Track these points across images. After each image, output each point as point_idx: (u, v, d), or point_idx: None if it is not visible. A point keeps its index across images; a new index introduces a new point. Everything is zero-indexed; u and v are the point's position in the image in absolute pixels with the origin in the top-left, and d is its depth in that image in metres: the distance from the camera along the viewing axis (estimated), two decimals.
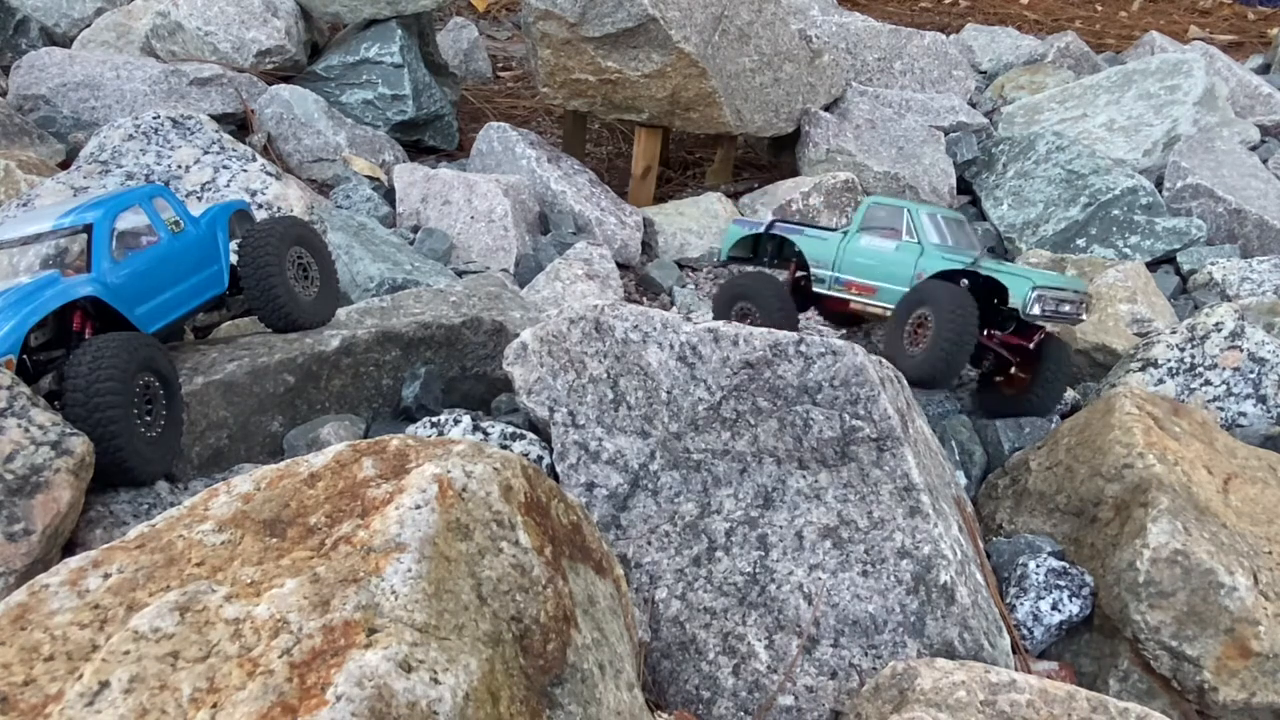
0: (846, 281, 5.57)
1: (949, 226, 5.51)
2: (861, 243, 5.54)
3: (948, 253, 5.26)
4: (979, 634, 3.29)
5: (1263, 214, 7.76)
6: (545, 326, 3.79)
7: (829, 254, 5.68)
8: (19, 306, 3.43)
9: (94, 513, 3.41)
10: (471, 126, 9.18)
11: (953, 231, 5.50)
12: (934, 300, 4.89)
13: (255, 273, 4.30)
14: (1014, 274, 5.01)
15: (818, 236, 5.79)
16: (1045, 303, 4.91)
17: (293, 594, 2.12)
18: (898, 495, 3.45)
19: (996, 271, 5.04)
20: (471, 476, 2.47)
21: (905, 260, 5.32)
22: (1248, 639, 3.49)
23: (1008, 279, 4.96)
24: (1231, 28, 14.13)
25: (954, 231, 5.50)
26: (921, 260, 5.26)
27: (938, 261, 5.19)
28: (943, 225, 5.48)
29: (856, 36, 10.45)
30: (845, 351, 3.54)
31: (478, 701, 2.05)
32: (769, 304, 5.66)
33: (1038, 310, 4.88)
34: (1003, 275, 5.00)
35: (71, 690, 2.00)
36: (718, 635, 3.33)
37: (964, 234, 5.57)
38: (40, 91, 7.84)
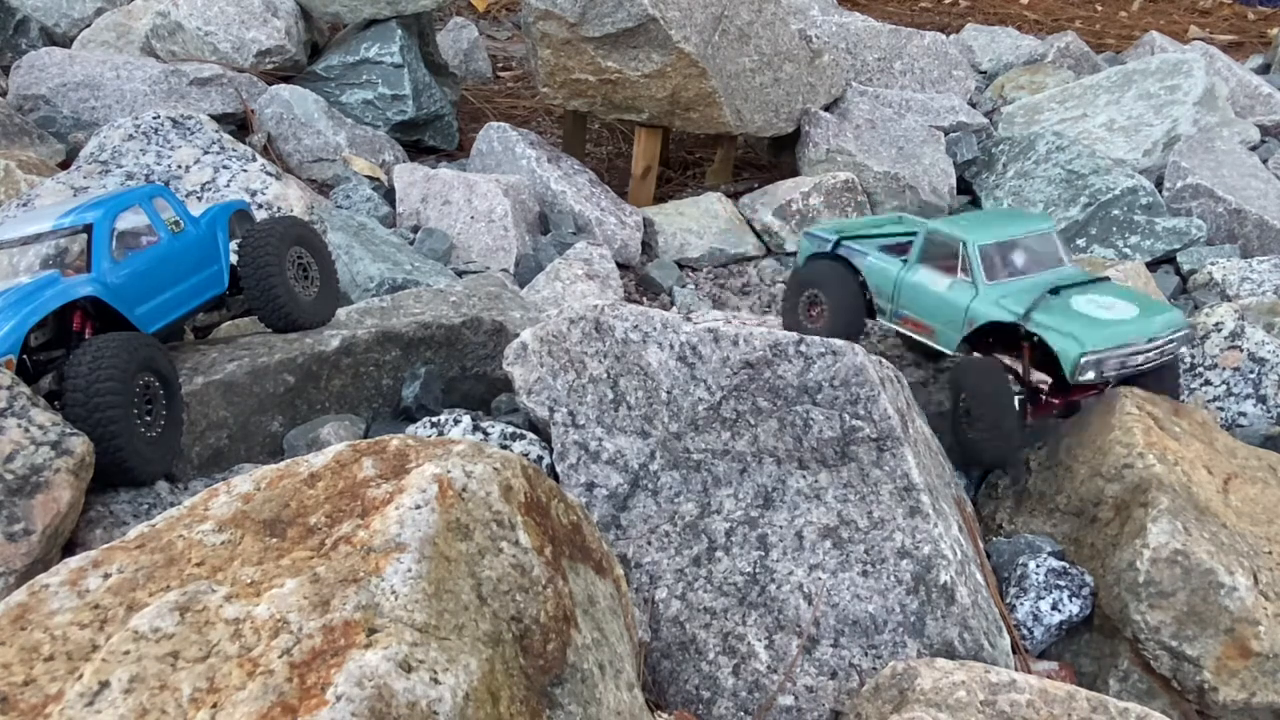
0: (904, 316, 5.07)
1: (1017, 251, 4.86)
2: (919, 276, 4.98)
3: (1005, 293, 4.63)
4: (979, 634, 3.29)
5: (1263, 214, 7.76)
6: (545, 326, 3.79)
7: (888, 283, 5.15)
8: (19, 306, 3.43)
9: (94, 513, 3.41)
10: (471, 126, 9.18)
11: (1024, 254, 4.87)
12: (968, 387, 4.43)
13: (255, 273, 4.30)
14: (1065, 332, 4.35)
15: (882, 261, 5.26)
16: (1104, 368, 4.29)
17: (293, 594, 2.12)
18: (898, 495, 3.45)
19: (1045, 329, 4.42)
20: (471, 476, 2.47)
21: (958, 303, 4.73)
22: (1248, 639, 3.49)
23: (1056, 340, 4.34)
24: (1231, 28, 14.13)
25: (1025, 254, 4.87)
26: (974, 305, 4.66)
27: (988, 308, 4.60)
28: (1009, 253, 4.81)
29: (856, 36, 10.45)
30: (845, 351, 3.54)
31: (478, 701, 2.05)
32: (837, 296, 5.22)
33: (1091, 376, 4.29)
34: (1052, 335, 4.38)
35: (71, 690, 2.00)
36: (718, 635, 3.33)
37: (1040, 251, 4.90)
38: (40, 91, 7.84)
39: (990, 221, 5.17)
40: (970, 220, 5.23)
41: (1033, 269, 4.79)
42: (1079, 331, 4.33)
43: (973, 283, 4.71)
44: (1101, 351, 4.27)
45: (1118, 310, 4.52)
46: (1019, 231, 4.90)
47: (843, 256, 5.38)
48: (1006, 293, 4.64)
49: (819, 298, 5.30)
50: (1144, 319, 4.46)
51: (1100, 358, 4.27)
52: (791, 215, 8.00)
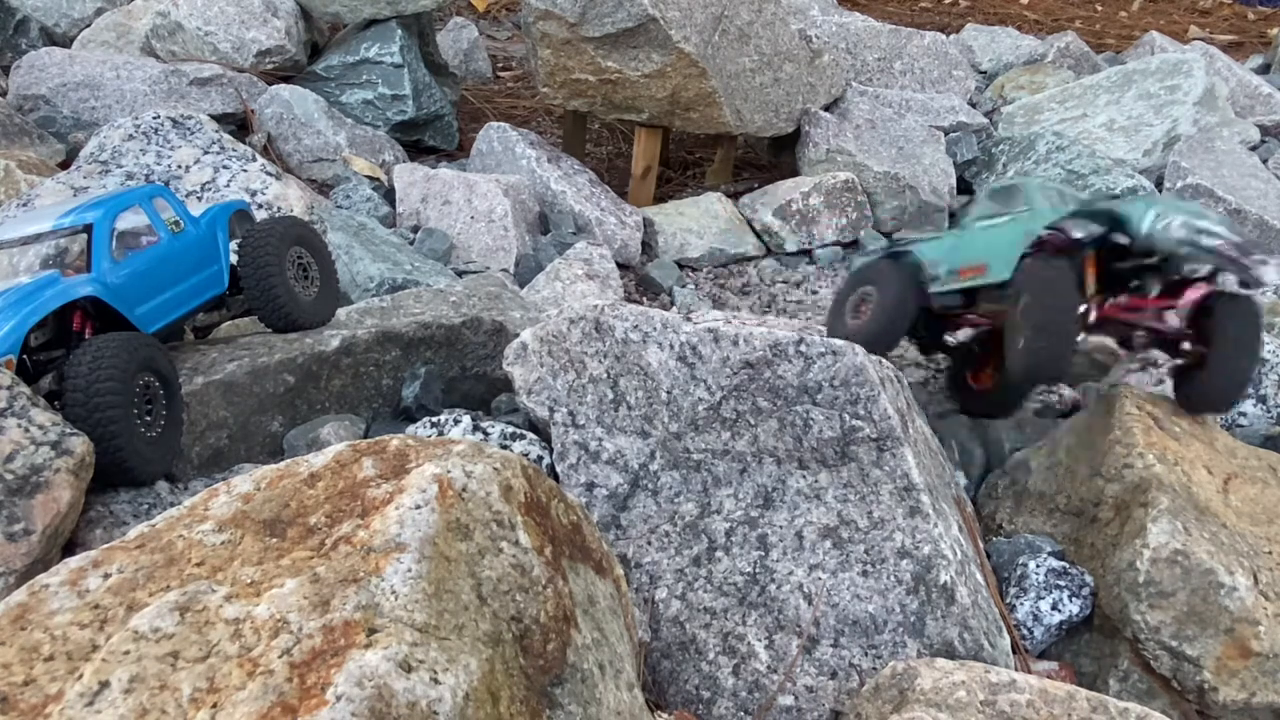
0: (958, 269, 4.81)
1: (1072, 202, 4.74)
2: (974, 226, 4.90)
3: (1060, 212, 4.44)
4: (979, 634, 3.29)
5: (1263, 214, 7.76)
6: (545, 326, 3.79)
7: (941, 249, 4.97)
8: (19, 306, 3.43)
9: (94, 513, 3.41)
10: (471, 126, 9.18)
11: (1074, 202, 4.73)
12: (1029, 286, 4.07)
13: (255, 273, 4.30)
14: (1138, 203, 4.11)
15: (934, 237, 5.19)
16: (1173, 229, 3.93)
17: (293, 594, 2.12)
18: (898, 495, 3.45)
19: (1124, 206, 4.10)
20: (471, 476, 2.47)
21: (1015, 225, 4.53)
22: (1248, 639, 3.49)
23: (1128, 207, 4.05)
24: (1231, 28, 14.13)
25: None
26: (1032, 221, 4.42)
27: (1045, 216, 4.38)
28: (1066, 198, 4.73)
29: (856, 36, 10.45)
30: (845, 351, 3.54)
31: (478, 701, 2.05)
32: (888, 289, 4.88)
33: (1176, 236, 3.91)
34: (1124, 205, 4.09)
35: (71, 690, 2.00)
36: (718, 635, 3.33)
37: None
38: (40, 91, 7.83)
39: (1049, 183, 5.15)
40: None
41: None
42: (1151, 201, 4.11)
43: (1031, 209, 4.59)
44: (1173, 212, 3.95)
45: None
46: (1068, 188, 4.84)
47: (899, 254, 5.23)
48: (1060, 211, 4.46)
49: (871, 295, 5.03)
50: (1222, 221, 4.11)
51: (1171, 220, 3.92)
52: (791, 215, 8.00)
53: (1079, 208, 4.38)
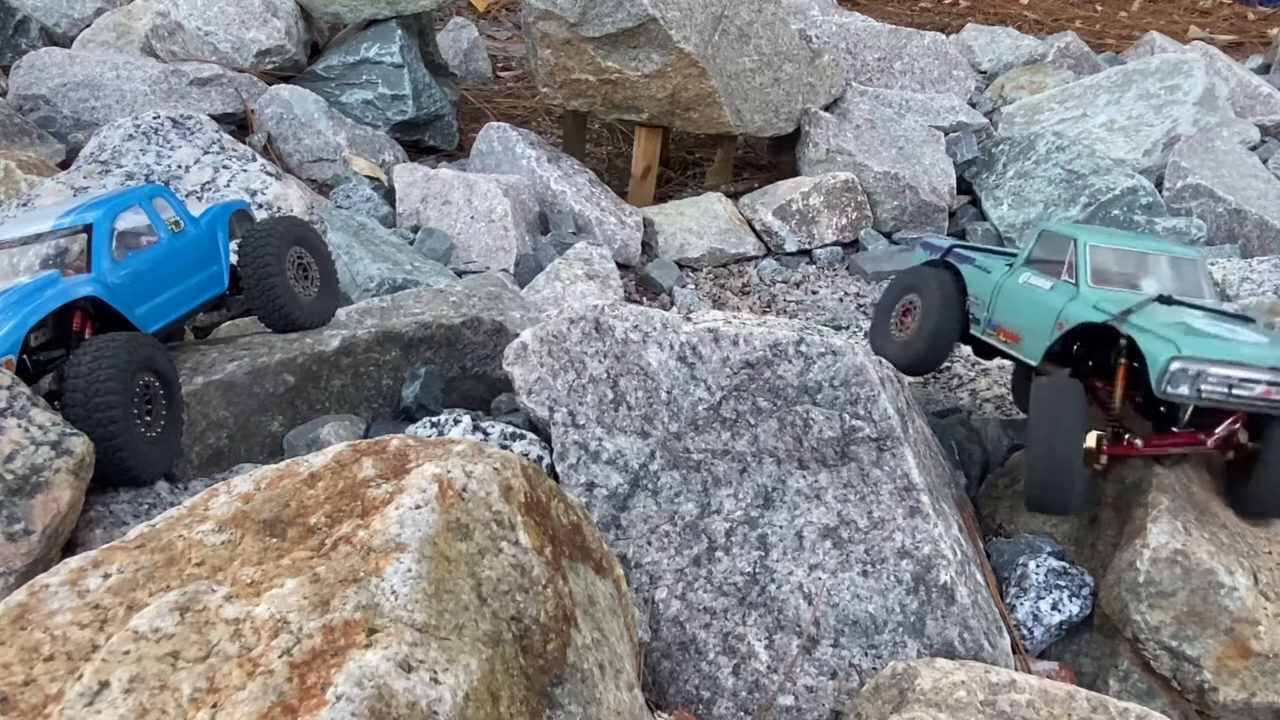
0: (997, 325, 4.44)
1: (1139, 264, 4.20)
2: (1021, 277, 4.42)
3: (1108, 298, 3.96)
4: (979, 634, 3.29)
5: (1263, 214, 7.76)
6: (545, 326, 3.79)
7: (988, 288, 4.54)
8: (19, 306, 3.43)
9: (94, 513, 3.41)
10: (471, 126, 9.18)
11: (1147, 271, 4.18)
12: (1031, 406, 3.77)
13: (255, 273, 4.30)
14: (1161, 335, 3.60)
15: (987, 265, 4.70)
16: (1205, 383, 3.47)
17: (293, 594, 2.12)
18: (898, 495, 3.45)
19: (1139, 331, 3.67)
20: (471, 476, 2.47)
21: (1053, 303, 4.11)
22: (1248, 639, 3.49)
23: (1147, 342, 3.60)
24: (1231, 28, 14.13)
25: (1149, 271, 4.18)
26: (1069, 305, 4.01)
27: (1082, 309, 3.96)
28: (1127, 263, 4.19)
29: (856, 36, 10.45)
30: (845, 351, 3.54)
31: (478, 701, 2.05)
32: (932, 301, 4.61)
33: (1184, 390, 3.48)
34: (1145, 338, 3.63)
35: (71, 690, 1.99)
36: (718, 635, 3.33)
37: (1172, 275, 4.19)
38: (40, 91, 7.83)
39: (1119, 233, 4.61)
40: (1098, 227, 4.90)
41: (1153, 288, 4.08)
42: (1178, 336, 3.56)
43: (1075, 283, 4.09)
44: (1202, 360, 3.46)
45: (1244, 334, 3.71)
46: (1147, 247, 4.26)
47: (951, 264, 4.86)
48: (1110, 298, 3.97)
49: (915, 306, 4.70)
50: (1276, 345, 3.60)
51: (1200, 369, 3.46)
52: (791, 215, 8.00)
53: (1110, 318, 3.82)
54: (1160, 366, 3.50)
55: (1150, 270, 4.19)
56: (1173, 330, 3.63)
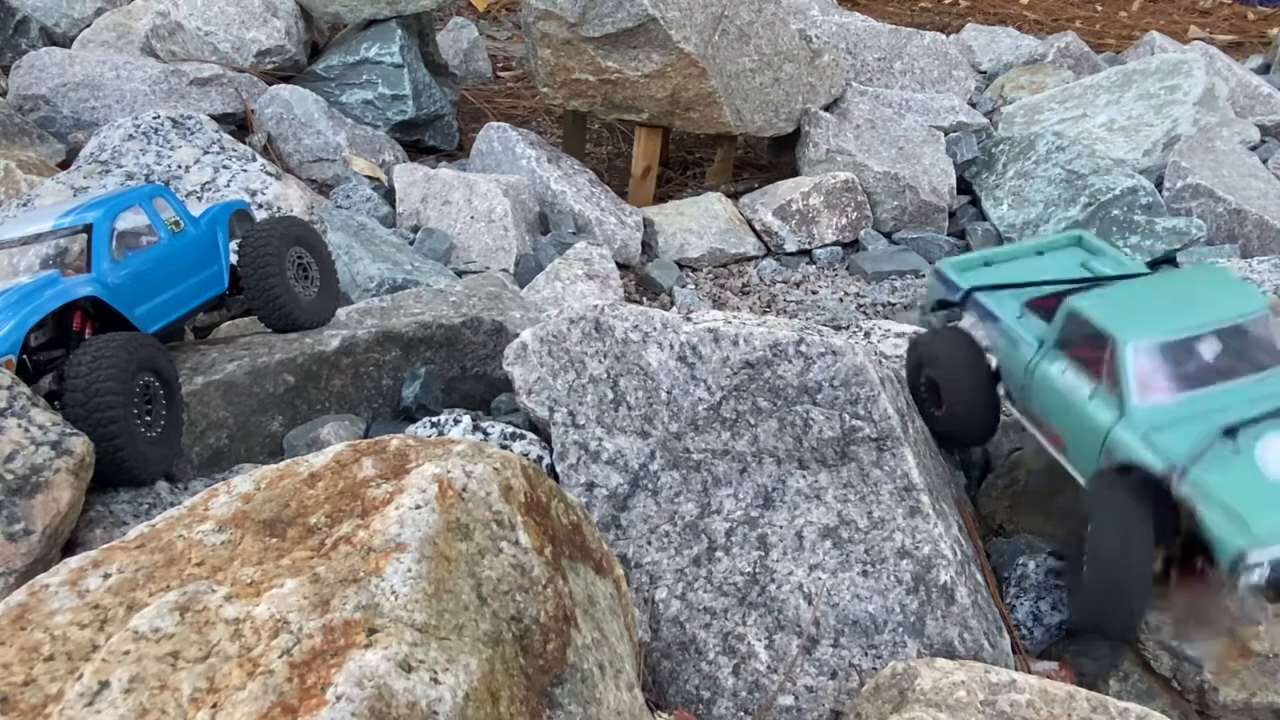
0: (1034, 419, 3.77)
1: (1199, 350, 3.33)
2: (1055, 368, 3.63)
3: (1164, 421, 3.21)
4: (979, 634, 3.29)
5: (1263, 214, 7.76)
6: (545, 326, 3.79)
7: (1019, 368, 3.79)
8: (19, 306, 3.43)
9: (94, 513, 3.41)
10: (471, 126, 9.18)
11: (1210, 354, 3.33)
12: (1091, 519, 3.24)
13: (255, 273, 4.30)
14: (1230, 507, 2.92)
15: (1016, 332, 3.87)
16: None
17: (293, 594, 2.12)
18: (898, 495, 3.45)
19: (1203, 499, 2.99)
20: (471, 476, 2.47)
21: (1097, 421, 3.38)
22: (1248, 639, 3.49)
23: (1214, 519, 2.93)
24: (1231, 28, 14.13)
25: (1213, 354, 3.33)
26: (1116, 431, 3.28)
27: (1132, 442, 3.23)
28: (1183, 355, 3.32)
29: (856, 36, 10.45)
30: (845, 351, 3.54)
31: (478, 701, 2.05)
32: (957, 387, 3.85)
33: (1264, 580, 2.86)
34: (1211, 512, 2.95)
35: (71, 690, 2.00)
36: (718, 635, 3.33)
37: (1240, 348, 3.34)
38: (40, 91, 7.84)
39: (1163, 301, 3.55)
40: (1135, 296, 3.64)
41: (1220, 377, 3.28)
42: (1253, 507, 2.88)
43: (1120, 399, 3.30)
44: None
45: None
46: (1204, 321, 3.34)
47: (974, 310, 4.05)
48: (1166, 420, 3.21)
49: (937, 382, 3.96)
50: None
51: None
52: (791, 215, 8.00)
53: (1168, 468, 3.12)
54: (1231, 556, 2.88)
55: (1215, 355, 3.34)
56: (1244, 496, 2.92)
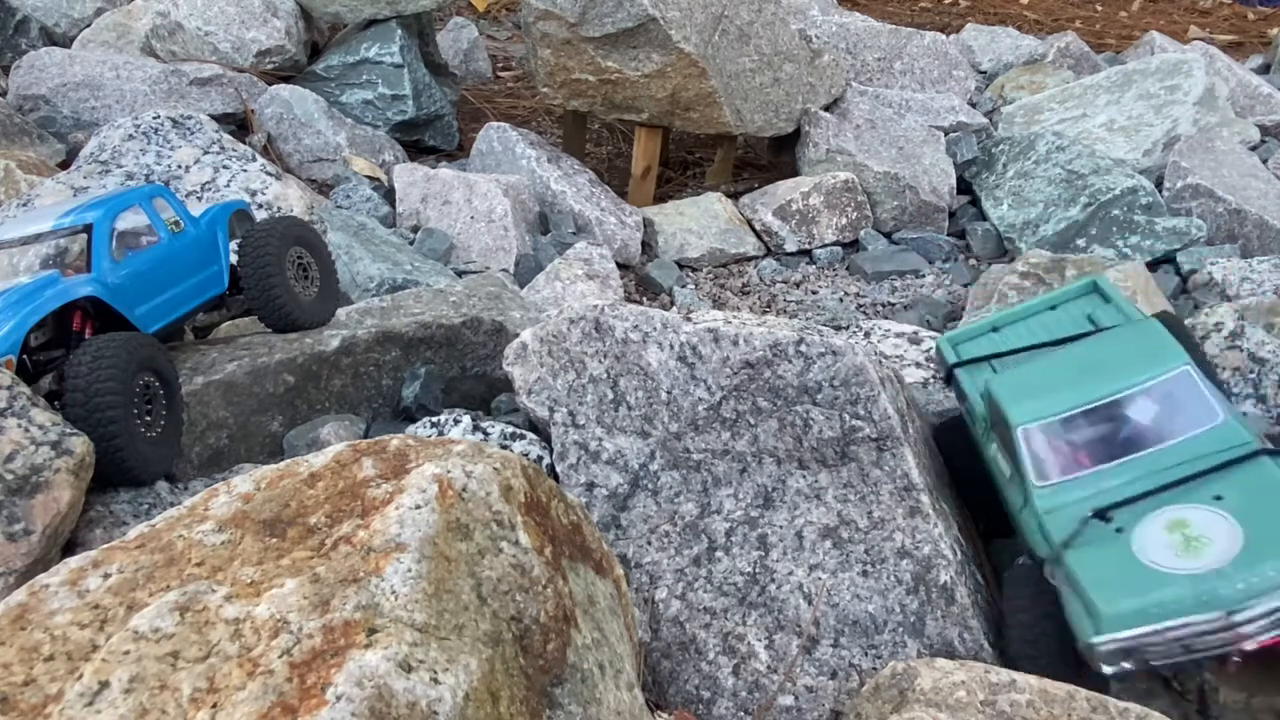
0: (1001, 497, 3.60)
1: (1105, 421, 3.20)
2: (990, 451, 3.62)
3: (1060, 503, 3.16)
4: (979, 634, 3.29)
5: (1263, 214, 7.76)
6: (545, 326, 3.79)
7: (978, 441, 3.74)
8: (19, 306, 3.43)
9: (94, 513, 3.41)
10: (471, 126, 9.19)
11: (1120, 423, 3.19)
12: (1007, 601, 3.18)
13: (255, 273, 4.30)
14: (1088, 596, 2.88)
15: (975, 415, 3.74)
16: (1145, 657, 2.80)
17: (293, 594, 2.12)
18: (898, 495, 3.45)
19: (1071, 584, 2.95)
20: (471, 476, 2.47)
21: (1014, 507, 3.40)
22: None
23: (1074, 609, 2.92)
24: (1231, 28, 14.13)
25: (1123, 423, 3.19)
26: (1023, 516, 3.30)
27: (1031, 531, 3.25)
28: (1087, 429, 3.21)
29: (856, 36, 10.45)
30: (845, 351, 3.54)
31: (478, 701, 2.05)
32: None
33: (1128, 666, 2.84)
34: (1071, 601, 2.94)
35: (71, 690, 2.00)
36: (718, 635, 3.33)
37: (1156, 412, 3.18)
38: (40, 91, 7.84)
39: (1068, 371, 3.43)
40: (1039, 368, 3.56)
41: (1122, 450, 3.17)
42: (1107, 595, 2.86)
43: (1023, 482, 3.27)
44: (1134, 634, 2.78)
45: (1210, 546, 2.84)
46: (1102, 393, 3.23)
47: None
48: (1059, 502, 3.16)
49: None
50: (1235, 572, 2.75)
51: (1133, 643, 2.78)
52: (791, 215, 8.00)
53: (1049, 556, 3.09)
54: (1084, 651, 2.87)
55: (1112, 423, 3.21)
56: (1100, 583, 2.88)
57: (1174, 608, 2.78)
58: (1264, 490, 2.94)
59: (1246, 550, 2.79)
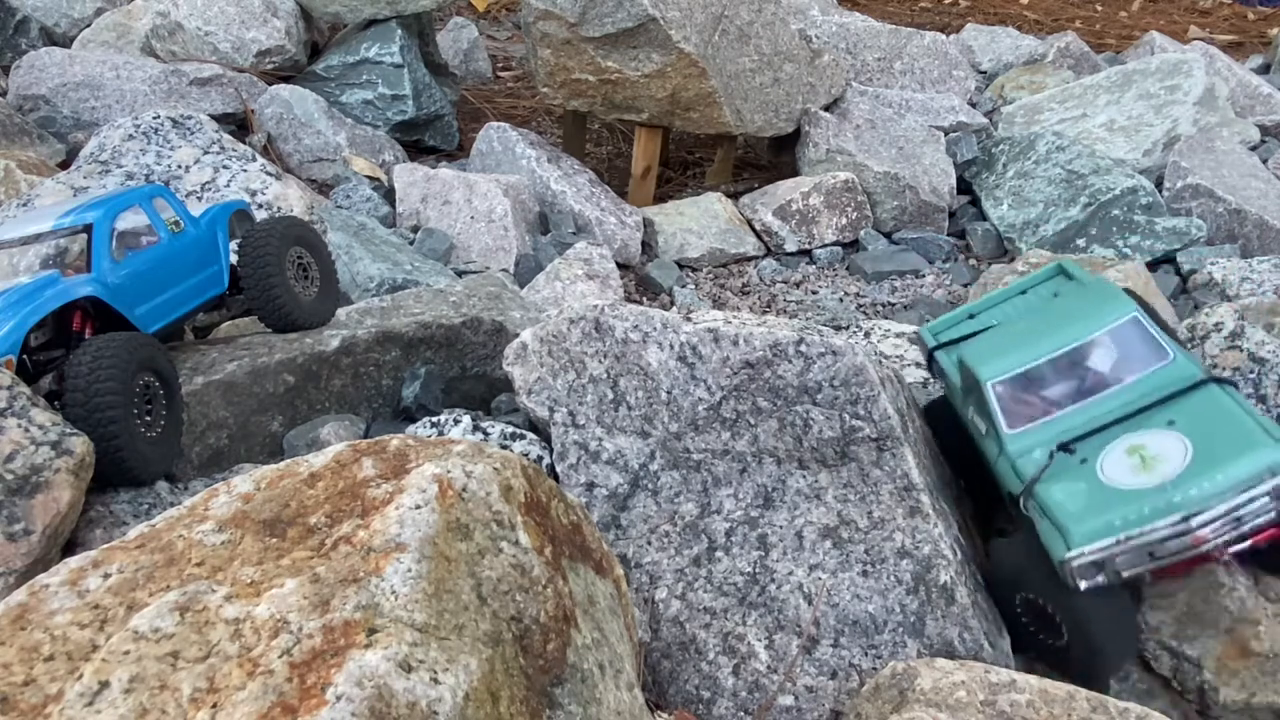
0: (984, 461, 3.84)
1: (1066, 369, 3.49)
2: (969, 415, 3.84)
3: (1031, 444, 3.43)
4: (979, 634, 3.29)
5: (1263, 214, 7.76)
6: (545, 326, 3.79)
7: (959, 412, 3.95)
8: (19, 307, 3.43)
9: (94, 513, 3.41)
10: (471, 126, 9.19)
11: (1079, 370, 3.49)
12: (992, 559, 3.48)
13: (255, 273, 4.30)
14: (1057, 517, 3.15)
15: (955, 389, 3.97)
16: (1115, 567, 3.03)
17: (293, 594, 2.12)
18: (898, 495, 3.45)
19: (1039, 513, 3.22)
20: (471, 476, 2.47)
21: (991, 459, 3.63)
22: (1248, 639, 3.49)
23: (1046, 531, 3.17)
24: (1231, 28, 14.13)
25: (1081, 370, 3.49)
26: (999, 464, 3.55)
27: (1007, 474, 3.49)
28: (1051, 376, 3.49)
29: (856, 36, 10.45)
30: (845, 351, 3.54)
31: (478, 702, 2.05)
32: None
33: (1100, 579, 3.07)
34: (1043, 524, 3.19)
35: (71, 690, 2.00)
36: (718, 635, 3.33)
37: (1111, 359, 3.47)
38: (40, 91, 7.84)
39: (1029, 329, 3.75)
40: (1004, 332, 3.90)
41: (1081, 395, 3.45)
42: (1074, 515, 3.12)
43: (996, 430, 3.53)
44: (1101, 548, 3.04)
45: (1164, 463, 3.12)
46: (1062, 341, 3.52)
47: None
48: (1031, 444, 3.42)
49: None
50: (1189, 479, 3.03)
51: (1103, 555, 3.04)
52: (791, 215, 8.00)
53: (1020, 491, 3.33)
54: (1059, 569, 3.11)
55: (1071, 371, 3.50)
56: (1066, 507, 3.15)
57: (1135, 518, 3.04)
58: (1210, 412, 3.24)
59: (1196, 462, 3.08)
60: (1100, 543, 3.07)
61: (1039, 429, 3.47)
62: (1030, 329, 3.76)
